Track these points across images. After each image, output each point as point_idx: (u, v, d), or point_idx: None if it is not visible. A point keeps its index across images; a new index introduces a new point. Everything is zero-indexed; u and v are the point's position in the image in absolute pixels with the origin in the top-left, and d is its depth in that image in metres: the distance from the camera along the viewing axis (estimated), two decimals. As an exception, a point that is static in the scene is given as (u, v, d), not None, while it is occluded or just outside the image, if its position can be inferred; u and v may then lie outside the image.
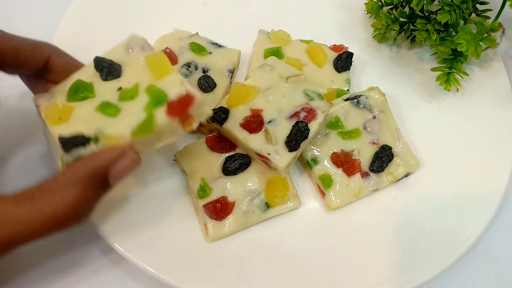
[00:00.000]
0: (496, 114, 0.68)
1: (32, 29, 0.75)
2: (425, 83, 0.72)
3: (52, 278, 0.58)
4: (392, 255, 0.58)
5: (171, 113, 0.49)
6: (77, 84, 0.52)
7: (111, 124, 0.49)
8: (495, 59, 0.72)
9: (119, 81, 0.52)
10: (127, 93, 0.51)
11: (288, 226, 0.60)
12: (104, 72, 0.52)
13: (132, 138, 0.48)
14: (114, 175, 0.46)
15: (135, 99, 0.50)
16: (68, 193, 0.43)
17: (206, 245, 0.57)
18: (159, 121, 0.49)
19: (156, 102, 0.50)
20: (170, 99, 0.50)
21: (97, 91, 0.52)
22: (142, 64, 0.53)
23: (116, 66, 0.53)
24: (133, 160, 0.47)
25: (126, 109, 0.50)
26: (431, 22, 0.68)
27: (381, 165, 0.61)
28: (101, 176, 0.45)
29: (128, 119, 0.49)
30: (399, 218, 0.61)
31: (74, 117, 0.50)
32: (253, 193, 0.58)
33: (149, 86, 0.51)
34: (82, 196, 0.44)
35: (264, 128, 0.57)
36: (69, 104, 0.51)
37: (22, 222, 0.41)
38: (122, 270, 0.59)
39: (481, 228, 0.59)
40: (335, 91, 0.66)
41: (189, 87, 0.50)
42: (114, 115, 0.50)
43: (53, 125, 0.49)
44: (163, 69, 0.52)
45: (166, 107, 0.49)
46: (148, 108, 0.50)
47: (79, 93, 0.51)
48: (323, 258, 0.58)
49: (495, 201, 0.61)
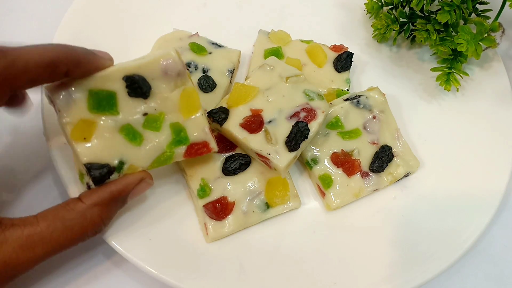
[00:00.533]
0: (496, 114, 0.68)
1: (32, 29, 0.75)
2: (425, 83, 0.72)
3: (53, 279, 0.58)
4: (392, 255, 0.58)
5: (188, 155, 0.54)
6: (101, 94, 0.49)
7: (133, 153, 0.51)
8: (495, 59, 0.72)
9: (146, 102, 0.51)
10: (152, 122, 0.52)
11: (288, 226, 0.60)
12: (133, 89, 0.50)
13: (149, 168, 0.53)
14: (132, 196, 0.53)
15: (160, 132, 0.52)
16: (94, 213, 0.49)
17: (206, 245, 0.57)
18: (175, 159, 0.53)
19: (178, 143, 0.53)
20: (191, 142, 0.53)
21: (122, 108, 0.50)
22: (171, 91, 0.52)
23: (147, 86, 0.51)
24: (149, 183, 0.54)
25: (148, 139, 0.52)
26: (431, 22, 0.68)
27: (381, 165, 0.61)
28: (123, 198, 0.52)
29: (150, 151, 0.52)
30: (399, 218, 0.61)
31: (97, 135, 0.50)
32: (253, 193, 0.58)
33: (175, 123, 0.53)
34: (106, 215, 0.51)
35: (264, 128, 0.57)
36: (91, 117, 0.50)
37: (56, 240, 0.47)
38: (123, 270, 0.59)
39: (481, 228, 0.59)
40: (335, 91, 0.66)
41: (210, 137, 0.54)
42: (138, 144, 0.51)
43: (76, 141, 0.50)
44: (192, 107, 0.53)
45: (185, 150, 0.53)
46: (169, 147, 0.53)
47: (103, 108, 0.50)
48: (323, 258, 0.58)
49: (495, 201, 0.61)
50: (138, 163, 0.51)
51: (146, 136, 0.52)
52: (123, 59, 0.66)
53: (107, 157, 0.50)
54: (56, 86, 0.49)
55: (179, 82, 0.52)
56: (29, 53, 0.44)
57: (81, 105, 0.49)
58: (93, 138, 0.50)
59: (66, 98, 0.49)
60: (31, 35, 0.75)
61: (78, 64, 0.48)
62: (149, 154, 0.52)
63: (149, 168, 0.52)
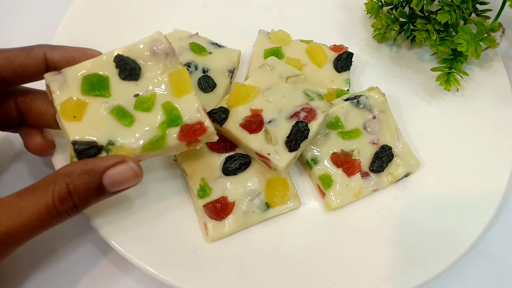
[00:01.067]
0: (496, 114, 0.68)
1: (31, 29, 0.75)
2: (425, 83, 0.72)
3: (52, 278, 0.58)
4: (392, 255, 0.58)
5: (182, 137, 0.51)
6: (93, 78, 0.51)
7: (124, 133, 0.50)
8: (495, 59, 0.72)
9: (137, 84, 0.52)
10: (143, 103, 0.51)
11: (288, 226, 0.60)
12: (124, 72, 0.52)
13: (141, 152, 0.50)
14: (111, 180, 0.47)
15: (151, 112, 0.51)
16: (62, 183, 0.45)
17: (206, 245, 0.57)
18: (169, 142, 0.50)
19: (170, 123, 0.51)
20: (184, 123, 0.51)
21: (113, 90, 0.51)
22: (162, 73, 0.52)
23: (137, 68, 0.52)
24: (131, 168, 0.48)
25: (140, 120, 0.51)
26: (431, 22, 0.67)
27: (381, 165, 0.61)
28: (96, 178, 0.46)
29: (141, 132, 0.50)
30: (399, 218, 0.61)
31: (88, 116, 0.50)
32: (253, 193, 0.58)
33: (166, 102, 0.51)
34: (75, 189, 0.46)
35: (264, 128, 0.57)
36: (83, 98, 0.50)
37: (26, 211, 0.44)
38: (123, 270, 0.59)
39: (481, 228, 0.59)
40: (335, 91, 0.66)
41: (203, 115, 0.51)
42: (129, 125, 0.50)
43: (67, 121, 0.49)
44: (183, 87, 0.52)
45: (179, 131, 0.51)
46: (161, 126, 0.51)
47: (94, 90, 0.51)
48: (323, 258, 0.57)
49: (495, 201, 0.61)
50: (129, 144, 0.49)
51: (137, 117, 0.51)
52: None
53: (96, 136, 0.49)
54: (53, 73, 0.51)
55: (168, 64, 0.52)
56: (2, 51, 0.49)
57: (75, 88, 0.50)
58: (84, 118, 0.50)
59: (61, 82, 0.50)
60: (31, 35, 0.75)
61: (53, 47, 0.52)
62: (140, 135, 0.50)
63: (141, 151, 0.50)
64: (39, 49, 0.51)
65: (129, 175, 0.48)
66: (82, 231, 0.60)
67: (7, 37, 0.74)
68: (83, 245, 0.60)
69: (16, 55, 0.50)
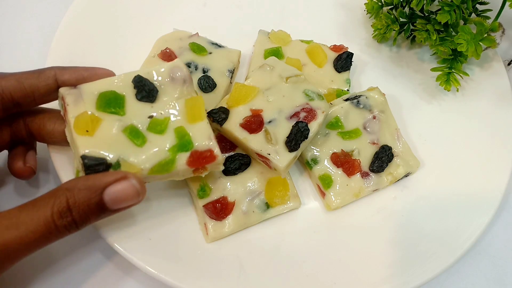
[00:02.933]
0: (496, 114, 0.68)
1: (32, 29, 0.75)
2: (425, 83, 0.72)
3: (53, 279, 0.58)
4: (392, 255, 0.58)
5: (191, 163, 0.51)
6: (109, 95, 0.51)
7: (134, 152, 0.50)
8: (495, 59, 0.72)
9: (152, 106, 0.52)
10: (157, 125, 0.52)
11: (288, 226, 0.60)
12: (141, 93, 0.52)
13: (148, 174, 0.50)
14: (111, 197, 0.46)
15: (163, 135, 0.51)
16: (62, 197, 0.45)
17: (206, 245, 0.57)
18: (178, 166, 0.51)
19: (181, 147, 0.51)
20: (195, 149, 0.51)
21: (128, 109, 0.51)
22: (178, 98, 0.53)
23: (155, 91, 0.52)
24: (133, 185, 0.47)
25: (152, 142, 0.51)
26: (431, 22, 0.68)
27: (381, 165, 0.61)
28: (96, 193, 0.46)
29: (151, 153, 0.50)
30: (399, 218, 0.61)
31: (100, 131, 0.50)
32: (253, 193, 0.58)
33: (179, 127, 0.52)
34: (74, 205, 0.45)
35: (264, 128, 0.57)
36: (98, 114, 0.50)
37: (25, 224, 0.43)
38: (123, 270, 0.59)
39: (481, 228, 0.59)
40: (335, 91, 0.66)
41: (214, 144, 0.52)
42: (140, 145, 0.50)
43: (79, 134, 0.49)
44: (197, 115, 0.53)
45: (189, 156, 0.51)
46: (172, 150, 0.51)
47: (110, 106, 0.51)
48: (323, 258, 0.57)
49: (495, 201, 0.61)
50: (138, 164, 0.49)
51: (149, 138, 0.51)
52: (123, 59, 0.67)
53: (106, 152, 0.49)
54: (69, 88, 0.51)
55: (185, 91, 0.53)
56: (13, 74, 0.50)
57: (90, 104, 0.51)
58: (96, 133, 0.50)
59: (76, 96, 0.51)
60: (31, 35, 0.75)
61: (64, 68, 0.52)
62: (150, 157, 0.50)
63: (149, 172, 0.50)
64: (50, 71, 0.52)
65: (130, 192, 0.47)
66: (82, 232, 0.60)
67: (7, 37, 0.74)
68: (83, 245, 0.60)
69: (26, 77, 0.51)
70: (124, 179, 0.47)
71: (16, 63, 0.72)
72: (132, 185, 0.47)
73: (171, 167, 0.50)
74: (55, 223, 0.44)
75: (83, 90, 0.51)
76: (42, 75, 0.51)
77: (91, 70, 0.54)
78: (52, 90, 0.52)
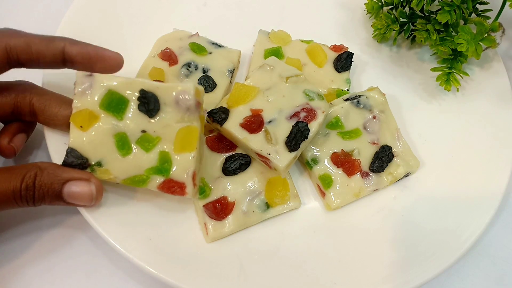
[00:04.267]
0: (496, 114, 0.68)
1: (32, 29, 0.75)
2: (425, 83, 0.72)
3: (51, 277, 0.58)
4: (392, 255, 0.58)
5: (161, 188, 0.53)
6: (115, 96, 0.52)
7: (114, 160, 0.52)
8: (495, 59, 0.72)
9: (149, 122, 0.53)
10: (146, 141, 0.53)
11: (288, 226, 0.60)
12: (143, 103, 0.53)
13: (121, 182, 0.53)
14: (68, 191, 0.51)
15: (147, 153, 0.53)
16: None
17: (206, 245, 0.57)
18: (149, 186, 0.53)
19: (158, 171, 0.52)
20: (170, 177, 0.52)
21: (127, 116, 0.53)
22: (176, 123, 0.53)
23: (156, 107, 0.52)
24: (90, 190, 0.52)
25: (135, 155, 0.52)
26: (431, 22, 0.67)
27: (381, 165, 0.61)
28: (59, 183, 0.51)
29: (129, 166, 0.52)
30: (399, 218, 0.61)
31: (94, 129, 0.52)
32: (253, 193, 0.58)
33: (165, 152, 0.53)
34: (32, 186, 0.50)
35: (264, 128, 0.57)
36: (98, 111, 0.52)
37: None
38: (122, 269, 0.59)
39: (481, 228, 0.59)
40: (335, 91, 0.66)
41: (190, 181, 0.52)
42: (123, 155, 0.52)
43: (74, 125, 0.52)
44: (187, 145, 0.53)
45: (162, 182, 0.52)
46: (149, 171, 0.52)
47: (111, 108, 0.52)
48: (323, 258, 0.57)
49: (495, 201, 0.61)
50: (114, 171, 0.52)
51: (134, 151, 0.52)
52: (123, 58, 0.67)
53: (90, 152, 0.52)
54: (86, 75, 0.53)
55: (186, 117, 0.53)
56: (24, 35, 0.53)
57: (95, 100, 0.52)
58: (89, 130, 0.52)
59: (86, 88, 0.52)
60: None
61: (74, 42, 0.55)
62: (128, 169, 0.52)
63: (121, 182, 0.52)
64: (60, 42, 0.54)
65: (85, 195, 0.51)
66: (82, 231, 0.60)
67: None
68: (82, 244, 0.60)
69: (36, 42, 0.53)
70: (85, 181, 0.51)
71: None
72: (89, 190, 0.51)
73: (142, 185, 0.53)
74: (20, 192, 0.49)
75: (96, 80, 0.52)
76: (52, 44, 0.53)
77: (99, 51, 0.55)
78: (58, 61, 0.54)
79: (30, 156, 0.64)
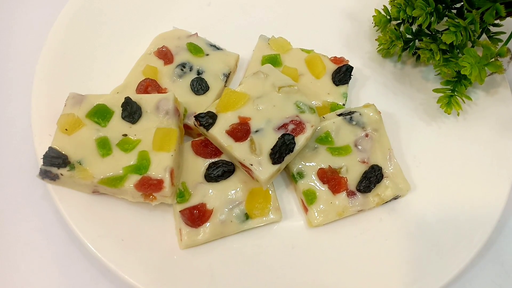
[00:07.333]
0: (498, 142, 0.65)
1: (31, 25, 0.75)
2: (427, 103, 0.69)
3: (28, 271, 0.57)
4: (371, 280, 0.56)
5: (138, 187, 0.53)
6: (101, 108, 0.56)
7: (94, 161, 0.54)
8: (503, 85, 0.69)
9: (131, 127, 0.56)
10: (126, 143, 0.55)
11: (266, 239, 0.58)
12: (125, 113, 0.56)
13: (98, 183, 0.53)
14: None
15: (127, 154, 0.54)
16: None
17: (179, 251, 0.56)
18: (125, 185, 0.53)
19: (136, 169, 0.54)
20: (147, 175, 0.53)
21: (111, 124, 0.56)
22: (156, 126, 0.56)
23: (138, 114, 0.56)
24: None
25: (114, 156, 0.55)
26: (437, 42, 0.65)
27: (369, 186, 0.59)
28: None
29: (108, 166, 0.54)
30: (381, 242, 0.58)
31: (78, 134, 0.55)
32: (234, 203, 0.57)
33: (144, 151, 0.55)
34: None
35: (250, 138, 0.56)
36: (84, 120, 0.56)
37: None
38: (97, 268, 0.58)
39: (465, 262, 0.56)
40: (330, 104, 0.64)
41: (168, 179, 0.53)
42: (103, 156, 0.54)
43: (59, 130, 0.55)
44: (165, 145, 0.55)
45: (139, 179, 0.53)
46: (126, 169, 0.54)
47: (96, 117, 0.56)
48: (299, 276, 0.56)
49: (485, 234, 0.58)
50: (93, 171, 0.53)
51: (114, 153, 0.55)
52: (122, 54, 0.67)
53: (71, 151, 0.54)
54: (78, 94, 0.58)
55: (165, 121, 0.56)
56: None
57: (83, 110, 0.56)
58: (74, 134, 0.55)
59: (77, 101, 0.57)
60: (31, 22, 0.75)
61: None
62: (105, 169, 0.53)
63: (99, 182, 0.53)
64: None
65: None
66: (61, 228, 0.60)
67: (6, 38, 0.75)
68: (59, 240, 0.59)
69: None
70: None
71: (14, 47, 0.73)
72: None
73: (119, 184, 0.53)
74: None
75: (87, 99, 0.57)
76: None
77: None
78: None
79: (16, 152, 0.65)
